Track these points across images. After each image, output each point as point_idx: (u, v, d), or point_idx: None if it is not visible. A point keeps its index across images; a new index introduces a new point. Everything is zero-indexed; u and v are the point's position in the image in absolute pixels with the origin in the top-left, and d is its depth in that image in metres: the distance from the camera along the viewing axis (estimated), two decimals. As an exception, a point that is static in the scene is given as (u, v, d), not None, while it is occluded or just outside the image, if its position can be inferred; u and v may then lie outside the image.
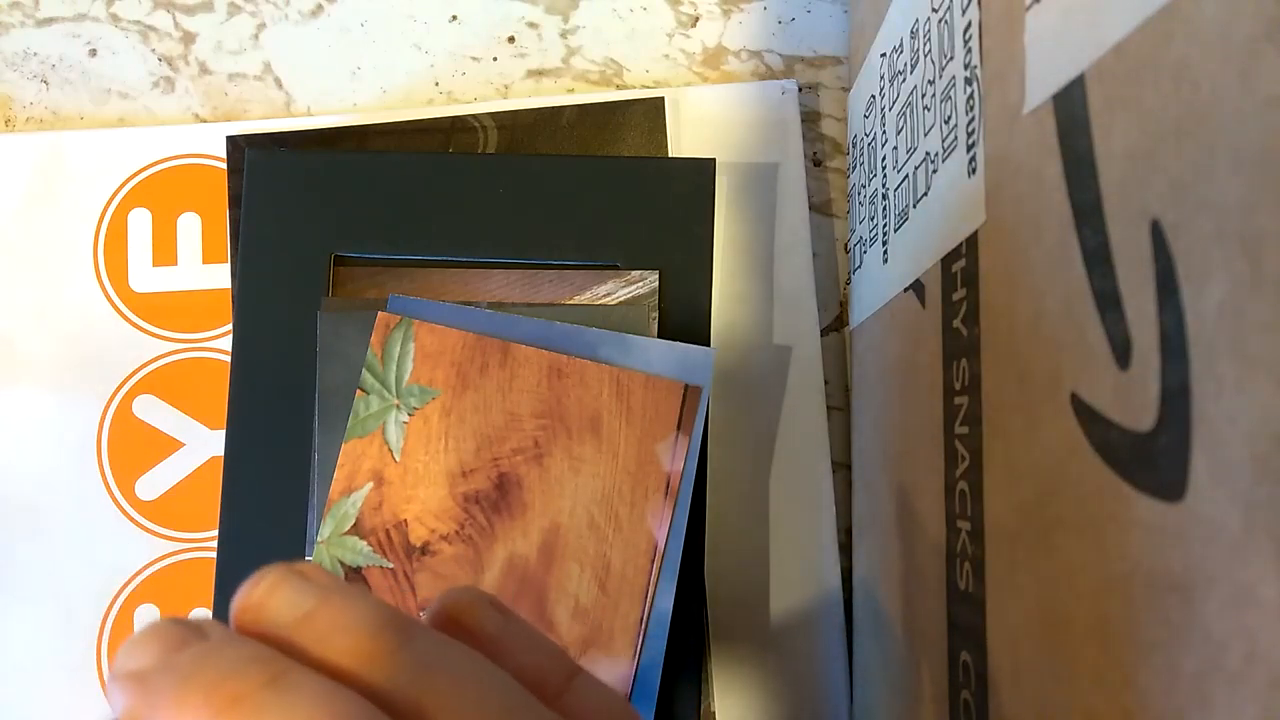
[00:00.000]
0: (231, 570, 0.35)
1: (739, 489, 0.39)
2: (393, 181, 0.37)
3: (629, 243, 0.36)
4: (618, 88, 0.42)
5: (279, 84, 0.43)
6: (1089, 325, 0.17)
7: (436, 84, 0.43)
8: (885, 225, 0.34)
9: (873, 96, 0.36)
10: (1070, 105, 0.18)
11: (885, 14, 0.34)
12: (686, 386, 0.33)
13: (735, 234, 0.40)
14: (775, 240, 0.40)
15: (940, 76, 0.27)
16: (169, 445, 0.41)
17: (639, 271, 0.36)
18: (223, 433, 0.38)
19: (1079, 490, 0.18)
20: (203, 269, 0.42)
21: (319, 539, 0.34)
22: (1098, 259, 0.17)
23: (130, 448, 0.41)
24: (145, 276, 0.42)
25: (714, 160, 0.37)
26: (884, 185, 0.34)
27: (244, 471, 0.35)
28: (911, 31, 0.30)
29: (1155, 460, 0.15)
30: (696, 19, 0.42)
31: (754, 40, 0.42)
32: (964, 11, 0.25)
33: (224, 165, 0.42)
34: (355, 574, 0.33)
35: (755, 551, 0.39)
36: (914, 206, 0.30)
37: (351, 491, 0.34)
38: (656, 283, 0.36)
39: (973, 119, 0.24)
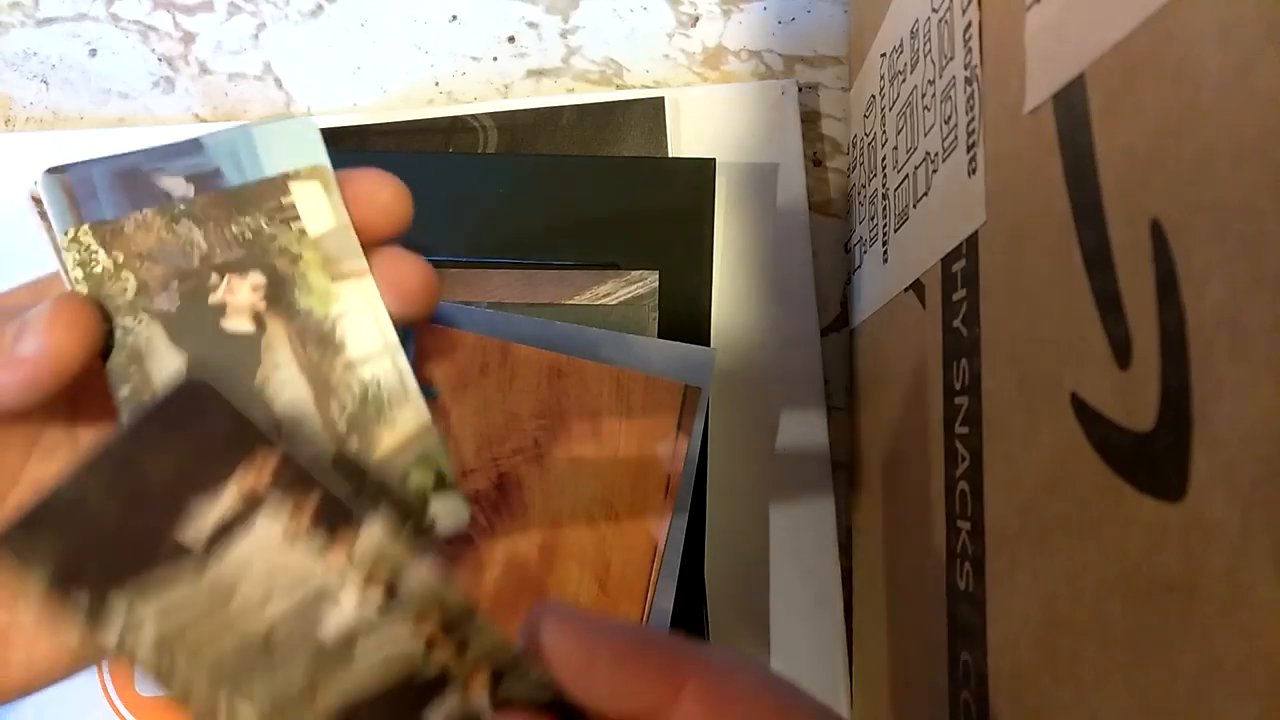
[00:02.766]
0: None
1: (739, 489, 0.39)
2: (393, 181, 0.37)
3: (629, 243, 0.36)
4: (618, 88, 0.42)
5: (279, 84, 0.43)
6: (1089, 325, 0.17)
7: (436, 84, 0.43)
8: (885, 225, 0.34)
9: (873, 96, 0.36)
10: (1070, 105, 0.18)
11: (885, 14, 0.34)
12: (686, 386, 0.33)
13: (735, 234, 0.40)
14: (775, 240, 0.40)
15: (940, 76, 0.27)
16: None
17: (639, 271, 0.36)
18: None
19: (1079, 490, 0.18)
20: (203, 269, 0.42)
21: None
22: (1098, 259, 0.17)
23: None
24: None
25: (714, 160, 0.37)
26: (884, 185, 0.34)
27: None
28: (911, 31, 0.30)
29: (1155, 460, 0.15)
30: (696, 19, 0.42)
31: (754, 40, 0.42)
32: (964, 11, 0.25)
33: (224, 165, 0.41)
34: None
35: (755, 551, 0.39)
36: (914, 206, 0.30)
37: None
38: (656, 283, 0.36)
39: (973, 119, 0.24)
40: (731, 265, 0.40)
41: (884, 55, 0.34)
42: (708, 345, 0.35)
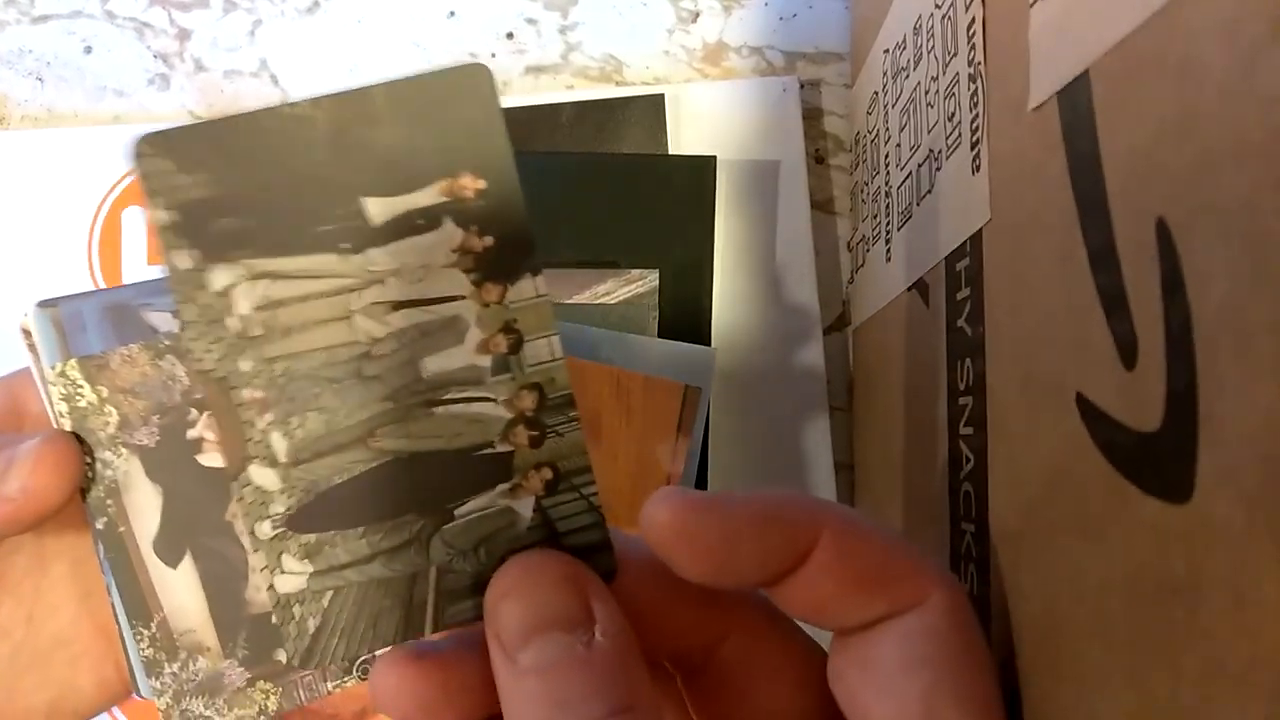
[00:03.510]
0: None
1: (740, 489, 0.39)
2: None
3: (629, 241, 0.36)
4: (617, 84, 0.42)
5: (275, 81, 0.43)
6: (1094, 325, 0.17)
7: (435, 81, 0.43)
8: (888, 223, 0.34)
9: (875, 93, 0.36)
10: (1075, 102, 0.18)
11: (888, 10, 0.34)
12: (687, 386, 0.33)
13: (736, 233, 0.40)
14: (777, 239, 0.40)
15: (944, 73, 0.27)
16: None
17: (639, 270, 0.36)
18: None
19: (1083, 491, 0.18)
20: (201, 267, 0.42)
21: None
22: (1103, 257, 0.17)
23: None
24: (140, 275, 0.42)
25: (714, 158, 0.37)
26: (887, 183, 0.34)
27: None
28: (914, 28, 0.30)
29: (1161, 461, 0.15)
30: (697, 15, 0.42)
31: (755, 36, 0.42)
32: (967, 8, 0.24)
33: (222, 163, 0.41)
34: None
35: (756, 550, 0.39)
36: (917, 204, 0.30)
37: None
38: (656, 281, 0.36)
39: (976, 116, 0.24)
40: (732, 264, 0.40)
41: (887, 51, 0.34)
42: (708, 345, 0.35)
